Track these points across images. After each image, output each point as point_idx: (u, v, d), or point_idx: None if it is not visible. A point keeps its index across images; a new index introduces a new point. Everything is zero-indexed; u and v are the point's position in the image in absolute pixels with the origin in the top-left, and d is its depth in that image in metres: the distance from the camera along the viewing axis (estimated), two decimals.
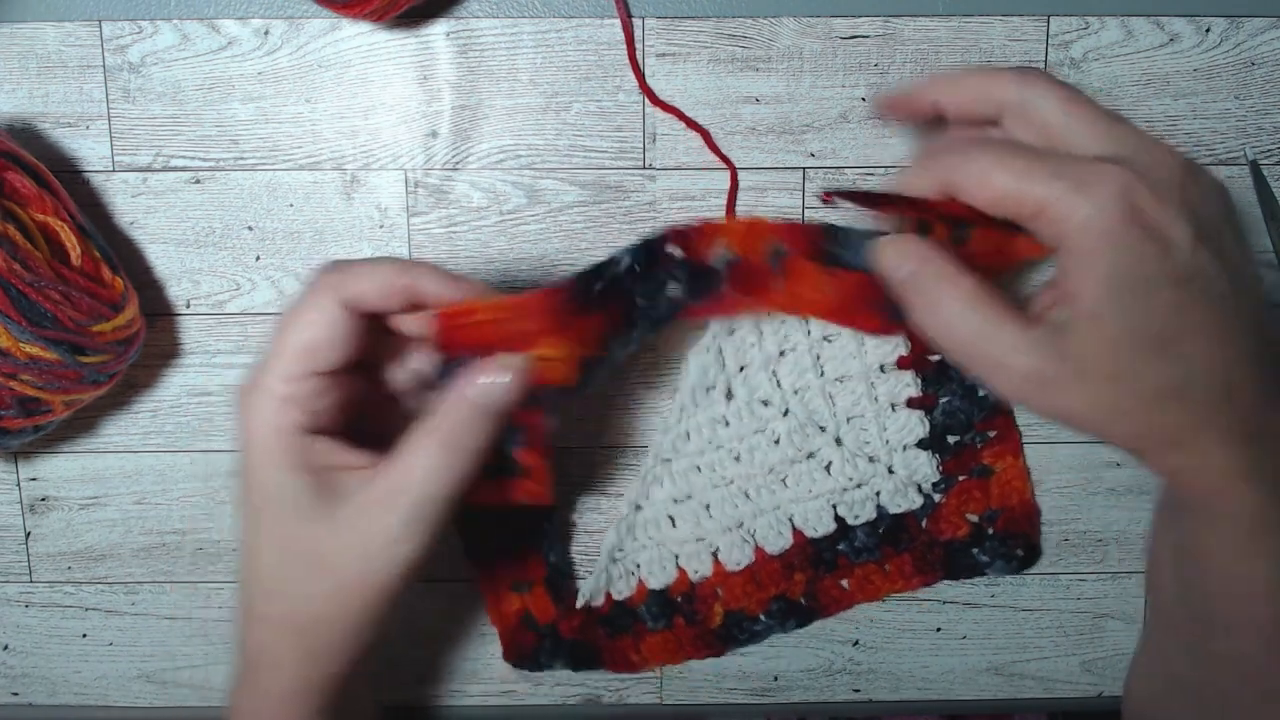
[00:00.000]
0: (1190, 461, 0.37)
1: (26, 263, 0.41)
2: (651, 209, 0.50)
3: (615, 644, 0.52)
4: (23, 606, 0.53)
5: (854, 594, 0.52)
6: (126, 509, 0.52)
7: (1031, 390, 0.36)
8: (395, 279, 0.38)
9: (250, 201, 0.49)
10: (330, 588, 0.38)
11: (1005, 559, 0.51)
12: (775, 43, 0.48)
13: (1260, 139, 0.50)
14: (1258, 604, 0.39)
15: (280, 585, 0.39)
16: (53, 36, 0.48)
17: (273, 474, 0.38)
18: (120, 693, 0.53)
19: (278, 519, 0.38)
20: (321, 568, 0.38)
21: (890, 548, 0.51)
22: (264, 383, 0.38)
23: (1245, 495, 0.37)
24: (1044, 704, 0.55)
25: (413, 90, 0.49)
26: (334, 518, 0.38)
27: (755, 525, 0.51)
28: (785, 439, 0.50)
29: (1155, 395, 0.36)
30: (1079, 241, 0.35)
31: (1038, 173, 0.35)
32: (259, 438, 0.38)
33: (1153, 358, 0.35)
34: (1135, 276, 0.35)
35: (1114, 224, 0.34)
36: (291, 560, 0.39)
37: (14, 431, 0.44)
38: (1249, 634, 0.40)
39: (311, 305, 0.38)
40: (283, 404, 0.37)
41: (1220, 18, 0.48)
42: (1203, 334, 0.36)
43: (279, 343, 0.38)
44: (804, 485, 0.50)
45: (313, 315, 0.38)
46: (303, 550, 0.38)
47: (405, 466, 0.38)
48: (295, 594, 0.39)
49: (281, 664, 0.40)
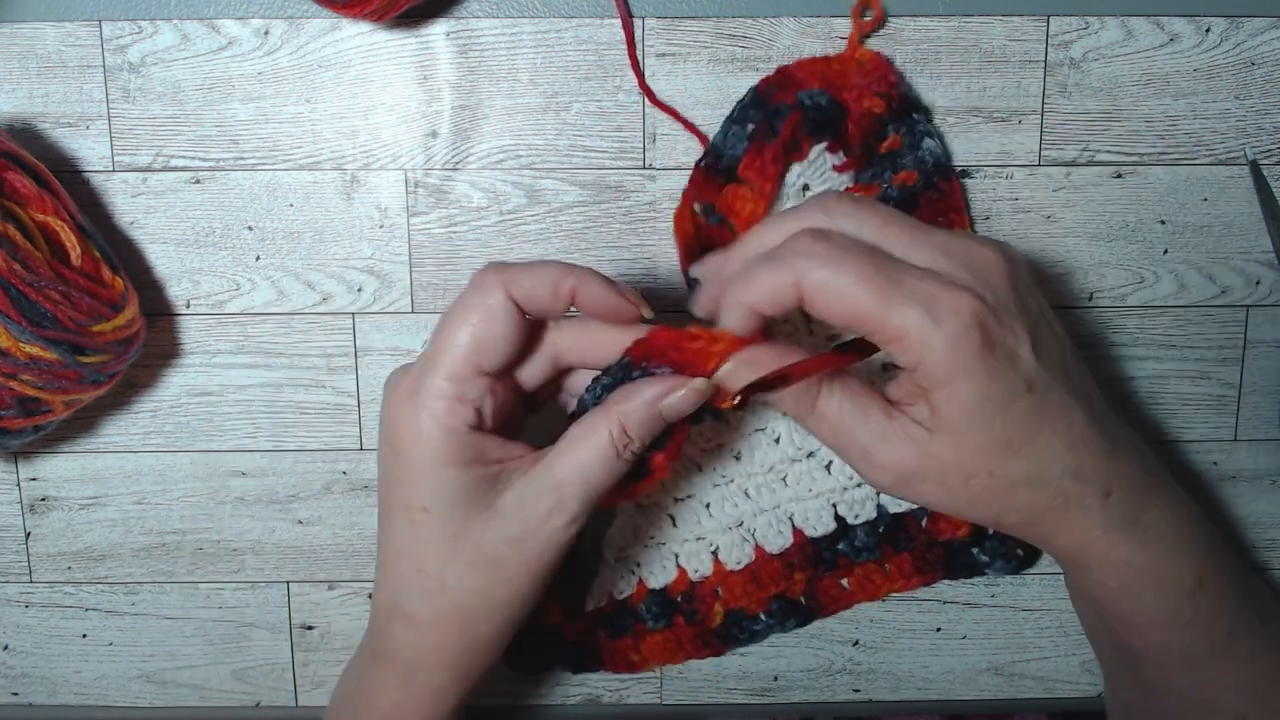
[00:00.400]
0: (1047, 531, 0.40)
1: (26, 263, 0.41)
2: (651, 209, 0.50)
3: (615, 645, 0.52)
4: (23, 606, 0.53)
5: (854, 593, 0.52)
6: (126, 509, 0.52)
7: (892, 480, 0.39)
8: (562, 281, 0.38)
9: (250, 201, 0.49)
10: (491, 580, 0.40)
11: (1005, 559, 0.51)
12: (775, 43, 0.48)
13: (1260, 139, 0.50)
14: (1155, 633, 0.42)
15: (442, 581, 0.40)
16: (53, 36, 0.48)
17: (443, 472, 0.39)
18: (120, 693, 0.53)
19: (445, 516, 0.39)
20: (485, 560, 0.39)
21: (890, 547, 0.51)
22: (431, 383, 0.38)
23: (1108, 544, 0.40)
24: (1044, 704, 0.55)
25: (413, 90, 0.49)
26: (499, 509, 0.39)
27: (755, 524, 0.51)
28: (785, 437, 0.50)
29: (1009, 486, 0.38)
30: (937, 371, 0.36)
31: (896, 298, 0.36)
32: (427, 437, 0.38)
33: (1008, 458, 0.38)
34: (992, 396, 0.37)
35: (971, 355, 0.36)
36: (456, 555, 0.39)
37: (14, 431, 0.44)
38: (1164, 659, 0.42)
39: (481, 301, 0.38)
40: (453, 404, 0.38)
41: (1220, 18, 0.48)
42: (1048, 426, 0.38)
43: (446, 338, 0.39)
44: (804, 484, 0.50)
45: (482, 311, 0.38)
46: (467, 544, 0.39)
47: (578, 456, 0.38)
48: (459, 587, 0.40)
49: (437, 661, 0.41)
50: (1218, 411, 0.52)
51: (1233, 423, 0.52)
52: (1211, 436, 0.52)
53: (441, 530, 0.39)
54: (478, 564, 0.40)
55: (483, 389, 0.39)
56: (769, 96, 0.47)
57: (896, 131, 0.47)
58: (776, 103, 0.47)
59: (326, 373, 0.51)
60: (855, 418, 0.38)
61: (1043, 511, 0.39)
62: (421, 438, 0.38)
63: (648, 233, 0.50)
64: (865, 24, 0.48)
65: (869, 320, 0.36)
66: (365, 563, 0.52)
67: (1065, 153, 0.49)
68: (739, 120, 0.48)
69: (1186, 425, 0.52)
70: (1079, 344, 0.51)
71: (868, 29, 0.48)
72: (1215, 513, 0.53)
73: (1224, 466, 0.52)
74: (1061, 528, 0.40)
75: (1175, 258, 0.50)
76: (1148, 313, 0.51)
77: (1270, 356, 0.51)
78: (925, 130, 0.48)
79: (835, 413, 0.39)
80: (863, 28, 0.48)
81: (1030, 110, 0.49)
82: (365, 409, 0.51)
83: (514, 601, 0.41)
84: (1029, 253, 0.50)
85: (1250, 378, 0.51)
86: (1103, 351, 0.51)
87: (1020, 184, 0.50)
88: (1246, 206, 0.50)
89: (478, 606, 0.40)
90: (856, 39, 0.48)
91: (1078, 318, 0.51)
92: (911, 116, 0.48)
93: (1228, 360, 0.51)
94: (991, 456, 0.38)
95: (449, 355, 0.38)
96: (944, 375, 0.36)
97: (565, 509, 0.39)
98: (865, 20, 0.48)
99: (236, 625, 0.53)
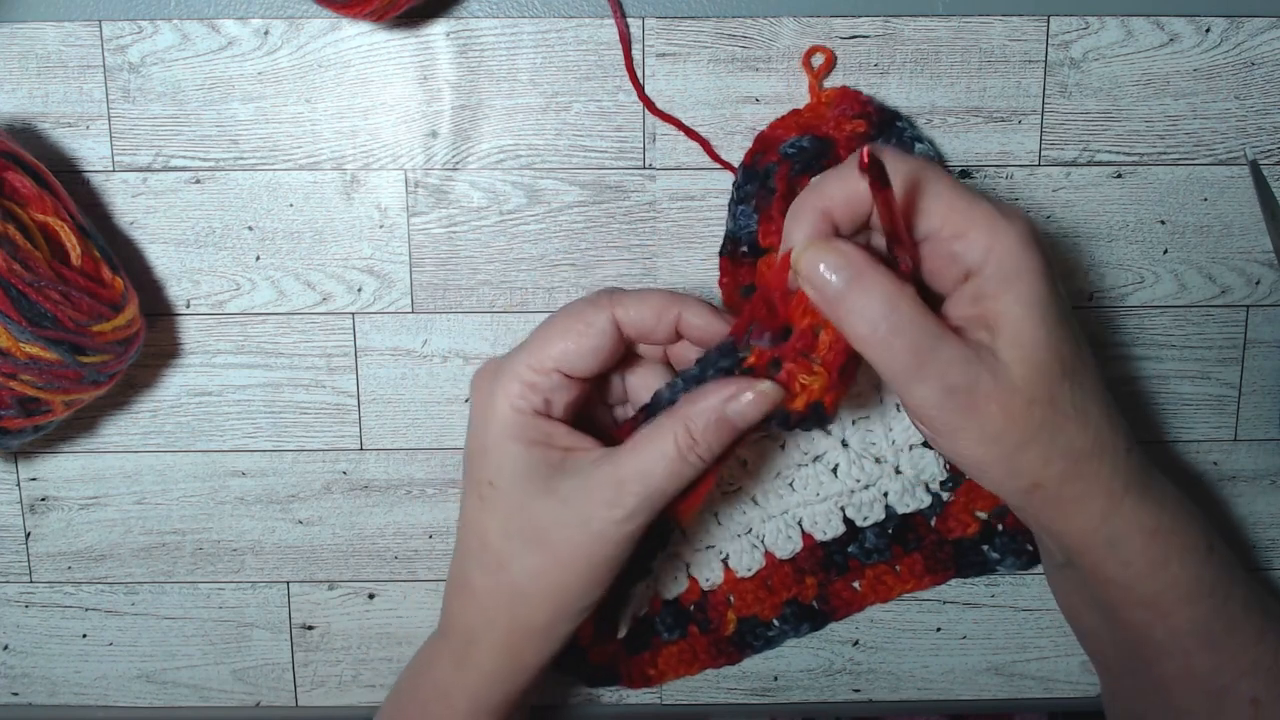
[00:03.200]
0: (1080, 491, 0.39)
1: (26, 263, 0.41)
2: (651, 209, 0.50)
3: (633, 660, 0.51)
4: (23, 606, 0.53)
5: (866, 595, 0.52)
6: (126, 509, 0.52)
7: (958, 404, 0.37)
8: (668, 308, 0.41)
9: (250, 201, 0.49)
10: (547, 562, 0.40)
11: (1016, 554, 0.51)
12: (775, 43, 0.48)
13: (1260, 139, 0.50)
14: (1183, 609, 0.41)
15: (501, 557, 0.41)
16: (53, 36, 0.48)
17: (509, 447, 0.40)
18: (120, 693, 0.53)
19: (508, 492, 0.40)
20: (541, 541, 0.40)
21: (900, 548, 0.51)
22: (511, 367, 0.41)
23: (1130, 507, 0.39)
24: (1044, 704, 0.55)
25: (413, 90, 0.49)
26: (559, 492, 0.40)
27: (764, 530, 0.51)
28: (791, 443, 0.50)
29: (1064, 417, 0.37)
30: (1008, 262, 0.36)
31: (967, 192, 0.37)
32: (499, 414, 0.40)
33: (1063, 380, 0.37)
34: (1053, 303, 0.37)
35: (1037, 255, 0.36)
36: (515, 532, 0.41)
37: (14, 431, 0.44)
38: (1189, 642, 0.42)
39: (587, 316, 0.41)
40: (525, 388, 0.40)
41: (1220, 18, 0.48)
42: (1087, 358, 0.38)
43: (542, 337, 0.41)
44: (811, 488, 0.50)
45: (583, 326, 0.41)
46: (526, 523, 0.40)
47: (642, 457, 0.39)
48: (515, 566, 0.41)
49: (489, 641, 0.42)
50: (1218, 411, 0.52)
51: (1233, 423, 0.52)
52: (1211, 436, 0.52)
53: (506, 505, 0.40)
54: (533, 544, 0.40)
55: (557, 383, 0.41)
56: (756, 165, 0.48)
57: (886, 144, 0.47)
58: (764, 166, 0.47)
59: (326, 373, 0.51)
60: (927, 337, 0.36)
61: (1083, 458, 0.38)
62: (494, 414, 0.40)
63: (648, 233, 0.50)
64: (818, 69, 0.48)
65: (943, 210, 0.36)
66: (365, 563, 0.52)
67: (1065, 153, 0.49)
68: (740, 200, 0.48)
69: (1186, 425, 0.52)
70: None
71: (821, 73, 0.48)
72: (1215, 513, 0.53)
73: (1224, 466, 0.52)
74: (1094, 478, 0.39)
75: (1175, 258, 0.50)
76: (1148, 313, 0.51)
77: (1270, 356, 0.51)
78: (914, 135, 0.48)
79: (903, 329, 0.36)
80: (817, 73, 0.48)
81: (1030, 110, 0.49)
82: (365, 409, 0.51)
83: (567, 591, 0.41)
84: None
85: (1250, 378, 0.51)
86: (1103, 351, 0.51)
87: (1020, 184, 0.50)
88: (1246, 206, 0.50)
89: (530, 588, 0.41)
90: (815, 85, 0.48)
91: (1078, 318, 0.51)
92: (896, 126, 0.48)
93: (1228, 360, 0.51)
94: (1051, 379, 0.37)
95: (536, 348, 0.41)
96: (1014, 268, 0.36)
97: (623, 504, 0.39)
98: (817, 66, 0.48)
99: (236, 625, 0.53)
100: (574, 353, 0.40)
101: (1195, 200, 0.50)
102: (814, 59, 0.48)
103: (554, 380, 0.41)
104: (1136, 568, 0.40)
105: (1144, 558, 0.40)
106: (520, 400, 0.40)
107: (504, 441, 0.40)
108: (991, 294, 0.37)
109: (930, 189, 0.37)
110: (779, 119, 0.48)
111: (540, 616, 0.42)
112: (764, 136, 0.48)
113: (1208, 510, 0.52)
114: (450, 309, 0.50)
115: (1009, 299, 0.36)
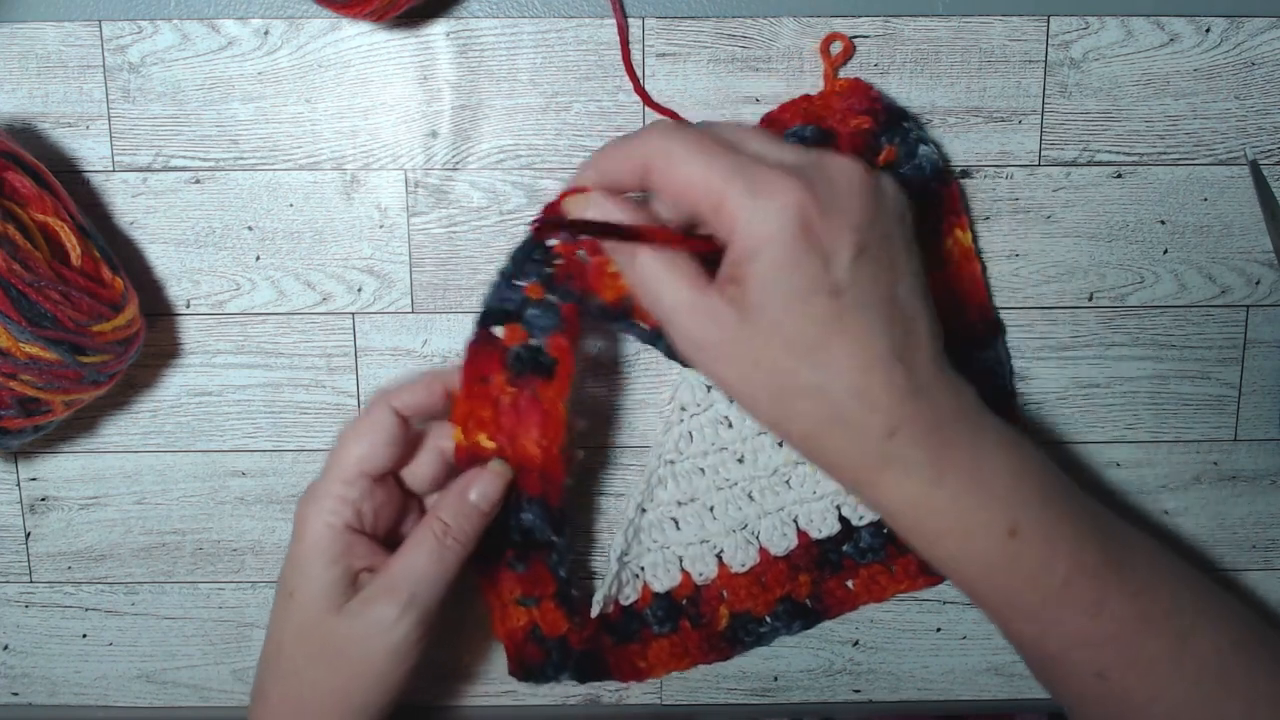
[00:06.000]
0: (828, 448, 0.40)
1: (26, 263, 0.41)
2: None
3: (622, 651, 0.51)
4: (23, 606, 0.53)
5: (860, 594, 0.52)
6: (126, 509, 0.52)
7: (691, 351, 0.39)
8: (433, 383, 0.45)
9: (250, 201, 0.49)
10: (331, 675, 0.43)
11: None
12: (775, 43, 0.48)
13: (1260, 139, 0.50)
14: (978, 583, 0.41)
15: (291, 668, 0.44)
16: (53, 36, 0.48)
17: (314, 562, 0.43)
18: (120, 693, 0.53)
19: (304, 606, 0.43)
20: (327, 656, 0.43)
21: (895, 548, 0.51)
22: (324, 485, 0.44)
23: (887, 483, 0.39)
24: (1044, 704, 0.55)
25: (413, 90, 0.49)
26: (347, 610, 0.43)
27: (759, 526, 0.51)
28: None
29: (793, 389, 0.38)
30: (745, 242, 0.37)
31: (721, 168, 0.37)
32: (311, 529, 0.43)
33: (795, 357, 0.38)
34: (792, 285, 0.37)
35: (780, 234, 0.36)
36: (305, 646, 0.44)
37: (14, 431, 0.44)
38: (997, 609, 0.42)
39: (371, 416, 0.44)
40: (337, 502, 0.43)
41: (1220, 18, 0.48)
42: (843, 341, 0.38)
43: (341, 450, 0.44)
44: (808, 486, 0.50)
45: (369, 425, 0.44)
46: (316, 638, 0.43)
47: (407, 557, 0.43)
48: (303, 679, 0.44)
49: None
50: (1218, 411, 0.52)
51: (1233, 423, 0.52)
52: (1211, 436, 0.52)
53: (301, 617, 0.43)
54: (320, 658, 0.43)
55: (365, 490, 0.44)
56: None
57: (890, 143, 0.47)
58: None
59: (326, 373, 0.51)
60: (666, 279, 0.38)
61: (820, 425, 0.39)
62: (307, 529, 0.43)
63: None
64: (836, 57, 0.48)
65: (697, 188, 0.37)
66: None
67: (1065, 153, 0.49)
68: None
69: (1186, 425, 0.52)
70: (1079, 344, 0.51)
71: (839, 61, 0.48)
72: (1215, 513, 0.53)
73: (1224, 466, 0.52)
74: (838, 452, 0.40)
75: (1175, 257, 0.50)
76: (1148, 313, 0.51)
77: (1270, 356, 0.51)
78: (919, 138, 0.48)
79: (650, 269, 0.39)
80: (834, 61, 0.48)
81: (1030, 110, 0.49)
82: None
83: (351, 701, 0.43)
84: (1029, 252, 0.50)
85: (1250, 378, 0.52)
86: (1103, 351, 0.51)
87: (1020, 184, 0.50)
88: (1246, 206, 0.50)
89: (317, 703, 0.44)
90: (831, 72, 0.48)
91: (1078, 318, 0.51)
92: (902, 126, 0.48)
93: (1228, 360, 0.51)
94: (780, 350, 0.38)
95: (338, 460, 0.44)
96: (749, 246, 0.37)
97: (396, 603, 0.42)
98: (835, 54, 0.48)
99: (236, 625, 0.53)
100: (369, 453, 0.44)
101: (1195, 200, 0.50)
102: (833, 46, 0.48)
103: (362, 487, 0.44)
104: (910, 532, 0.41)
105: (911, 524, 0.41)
106: (332, 516, 0.43)
107: (309, 558, 0.43)
108: (738, 262, 0.38)
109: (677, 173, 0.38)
110: (789, 102, 0.48)
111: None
112: (771, 117, 0.48)
113: (1208, 510, 0.52)
114: (450, 309, 0.50)
115: (747, 270, 0.37)
